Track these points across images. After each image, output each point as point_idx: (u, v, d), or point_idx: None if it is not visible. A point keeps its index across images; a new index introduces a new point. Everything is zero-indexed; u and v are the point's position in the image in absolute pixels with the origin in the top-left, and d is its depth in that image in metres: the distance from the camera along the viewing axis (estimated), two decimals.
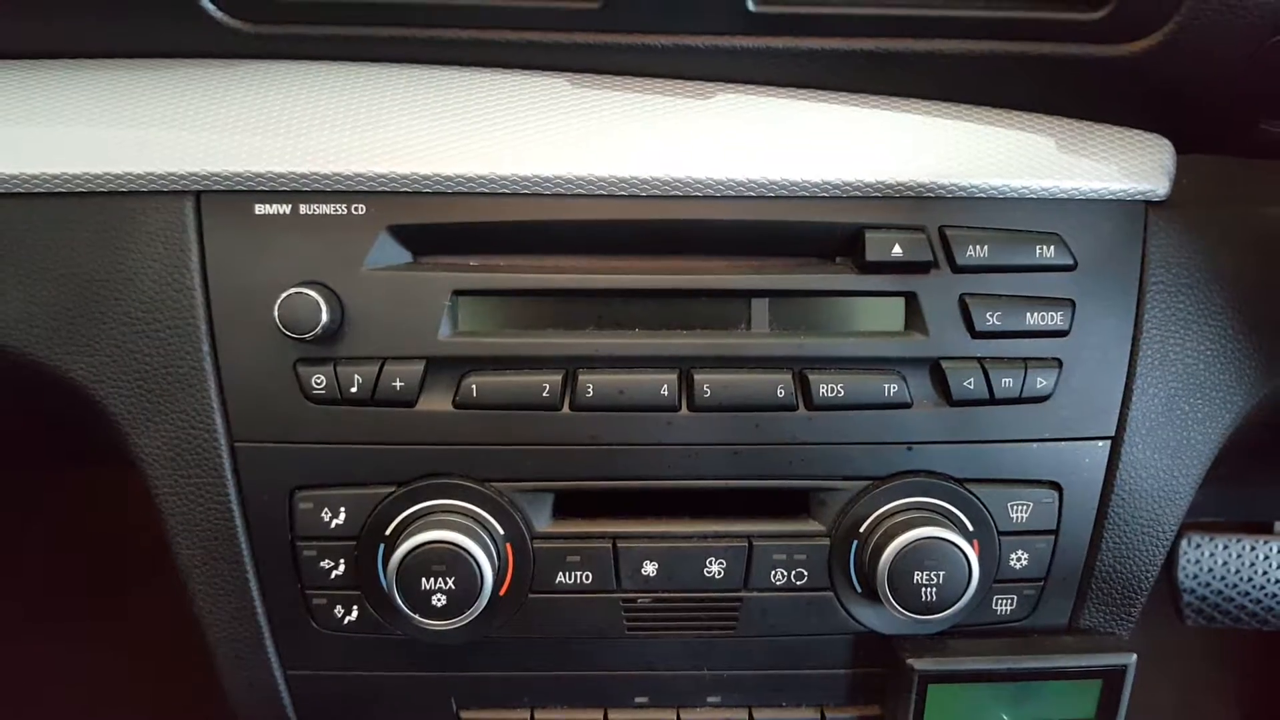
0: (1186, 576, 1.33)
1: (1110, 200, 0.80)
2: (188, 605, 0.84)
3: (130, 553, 1.54)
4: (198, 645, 0.86)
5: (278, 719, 0.89)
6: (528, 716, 0.88)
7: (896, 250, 0.78)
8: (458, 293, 0.79)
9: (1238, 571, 1.33)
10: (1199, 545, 1.33)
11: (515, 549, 0.81)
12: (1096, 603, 0.87)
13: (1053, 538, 0.84)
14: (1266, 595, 1.32)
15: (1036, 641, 0.85)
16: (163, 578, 0.89)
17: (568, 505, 0.83)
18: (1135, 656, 0.84)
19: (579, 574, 0.82)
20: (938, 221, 0.79)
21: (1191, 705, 1.94)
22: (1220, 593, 1.33)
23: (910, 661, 0.82)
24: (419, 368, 0.78)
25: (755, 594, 0.83)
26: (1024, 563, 0.84)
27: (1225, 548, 1.34)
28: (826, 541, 0.82)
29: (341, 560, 0.81)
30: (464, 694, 0.88)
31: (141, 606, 1.53)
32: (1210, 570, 1.33)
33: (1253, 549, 1.33)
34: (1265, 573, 1.33)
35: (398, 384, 0.78)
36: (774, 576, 0.83)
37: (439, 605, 0.77)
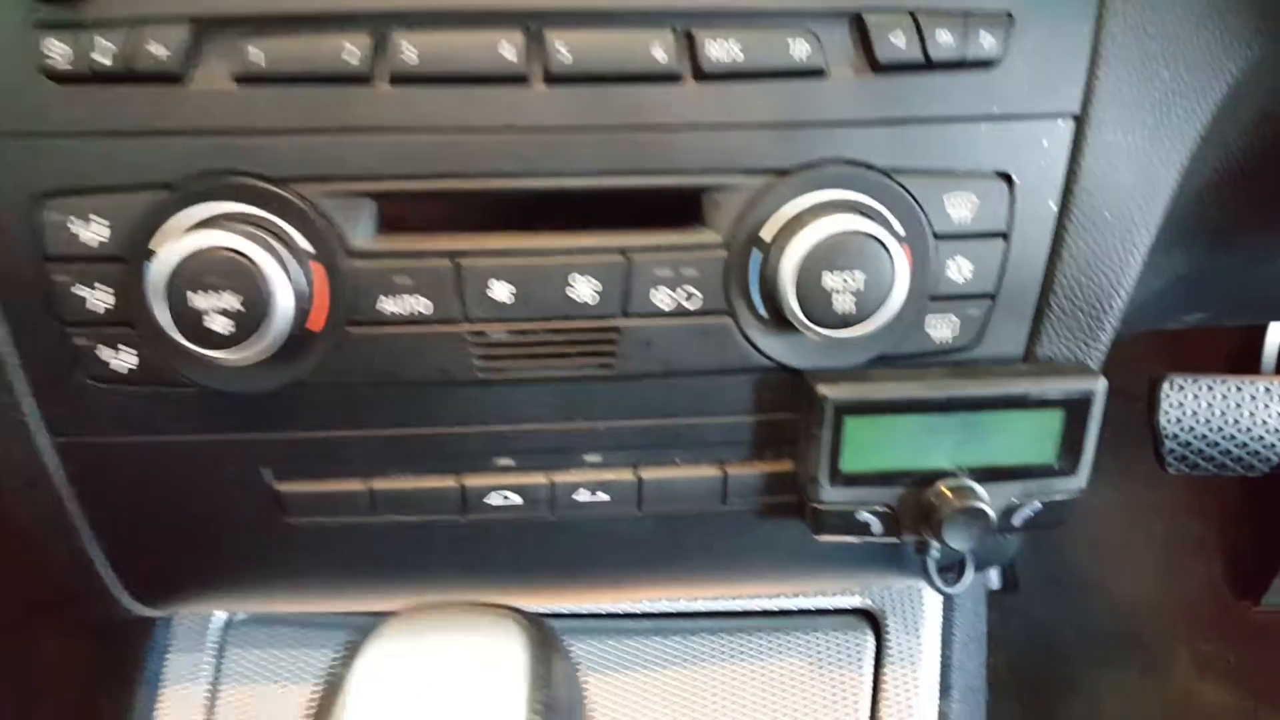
0: (1169, 422, 1.22)
1: None
2: None
3: None
4: None
5: (48, 501, 0.72)
6: (363, 488, 0.72)
7: None
8: None
9: (1222, 414, 1.23)
10: (1181, 388, 1.23)
11: (328, 268, 0.65)
12: (1057, 326, 0.71)
13: (1003, 242, 0.68)
14: (1253, 438, 1.23)
15: (982, 369, 0.70)
16: None
17: (395, 215, 0.66)
18: (1105, 382, 0.68)
19: (411, 300, 0.66)
20: None
21: (1173, 563, 1.89)
22: (1204, 437, 1.23)
23: (822, 389, 0.66)
24: (184, 31, 0.61)
25: (636, 322, 0.68)
26: (967, 275, 0.68)
27: (1210, 389, 1.23)
28: (722, 253, 0.66)
29: (103, 286, 0.65)
30: (280, 462, 0.72)
31: None
32: (1194, 414, 1.22)
33: (1238, 390, 1.22)
34: (1252, 414, 1.22)
35: (160, 52, 0.60)
36: (658, 299, 0.67)
37: (221, 331, 0.60)
